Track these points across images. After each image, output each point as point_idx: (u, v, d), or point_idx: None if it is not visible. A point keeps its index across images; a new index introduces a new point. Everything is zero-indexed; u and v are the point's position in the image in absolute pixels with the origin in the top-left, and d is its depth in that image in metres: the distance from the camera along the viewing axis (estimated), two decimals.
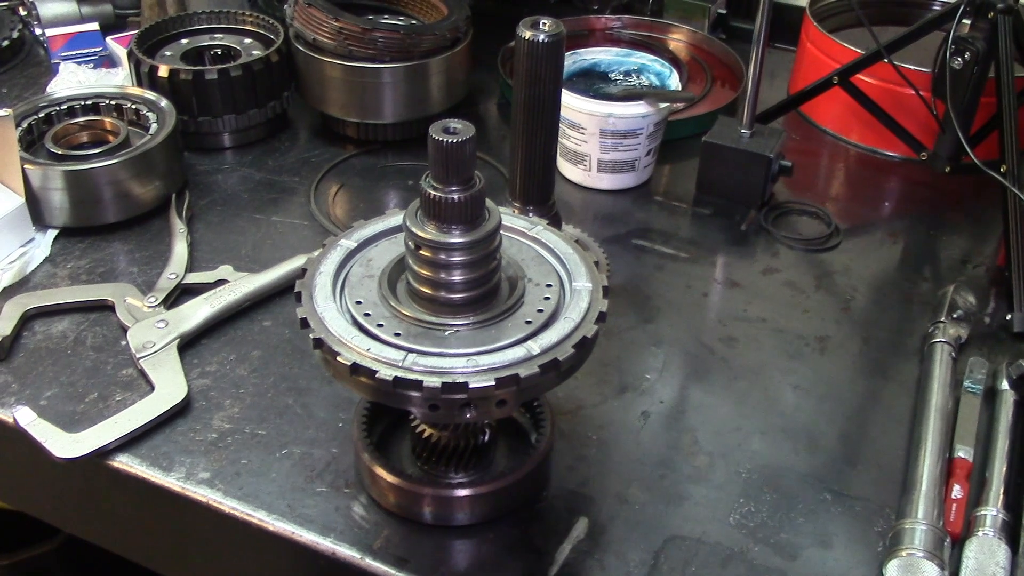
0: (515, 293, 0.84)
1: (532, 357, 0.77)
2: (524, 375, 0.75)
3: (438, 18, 1.45)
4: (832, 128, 1.54)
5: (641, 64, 1.47)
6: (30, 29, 1.70)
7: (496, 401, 0.78)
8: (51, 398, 1.03)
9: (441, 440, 0.90)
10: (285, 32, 1.45)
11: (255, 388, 1.05)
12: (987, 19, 1.26)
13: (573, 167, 1.39)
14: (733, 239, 1.31)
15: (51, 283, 1.18)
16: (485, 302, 0.83)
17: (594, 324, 0.80)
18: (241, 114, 1.41)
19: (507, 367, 0.76)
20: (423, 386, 0.75)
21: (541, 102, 1.00)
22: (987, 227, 1.34)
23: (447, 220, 0.79)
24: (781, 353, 1.12)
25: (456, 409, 0.78)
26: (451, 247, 0.79)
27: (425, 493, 0.89)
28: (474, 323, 0.81)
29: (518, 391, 0.77)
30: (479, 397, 0.76)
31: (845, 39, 1.48)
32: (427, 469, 0.92)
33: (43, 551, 1.66)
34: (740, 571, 0.88)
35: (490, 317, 0.81)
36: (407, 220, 0.80)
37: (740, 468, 0.98)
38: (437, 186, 0.78)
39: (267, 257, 1.22)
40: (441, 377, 0.75)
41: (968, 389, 1.05)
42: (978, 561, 0.87)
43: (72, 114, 1.32)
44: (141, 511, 1.01)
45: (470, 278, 0.81)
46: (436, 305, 0.82)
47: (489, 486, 0.90)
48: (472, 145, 0.77)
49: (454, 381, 0.75)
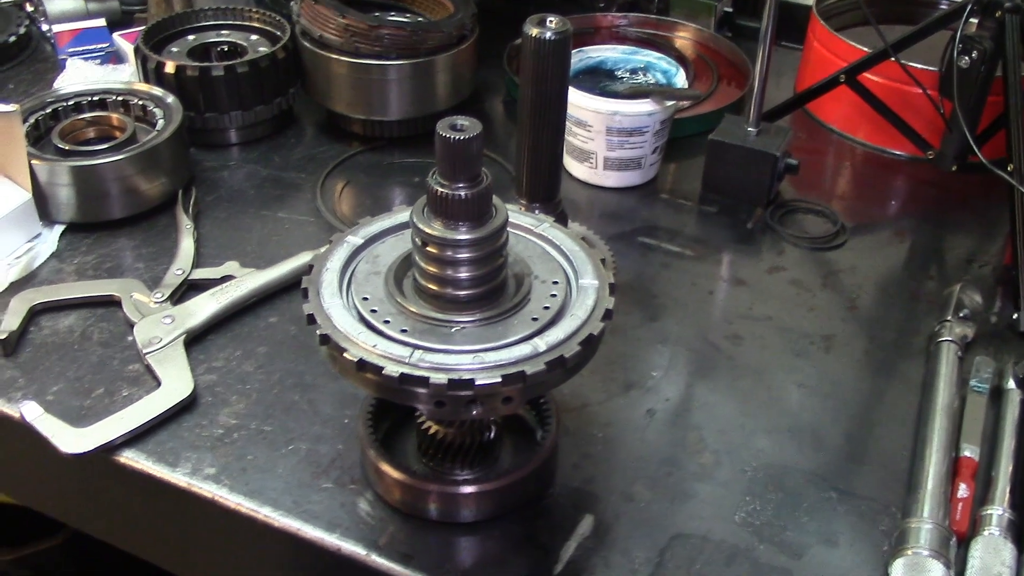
0: (521, 290, 0.84)
1: (538, 354, 0.77)
2: (530, 372, 0.75)
3: (444, 15, 1.45)
4: (838, 127, 1.54)
5: (647, 62, 1.46)
6: (37, 25, 1.70)
7: (502, 398, 0.78)
8: (57, 393, 1.03)
9: (447, 437, 0.90)
10: (292, 29, 1.45)
11: (261, 384, 1.05)
12: (994, 18, 1.25)
13: (579, 164, 1.39)
14: (739, 237, 1.31)
15: (58, 278, 1.18)
16: (491, 299, 0.83)
17: (600, 321, 0.80)
18: (247, 111, 1.41)
19: (513, 364, 0.76)
20: (429, 383, 0.75)
21: (548, 100, 0.99)
22: (994, 226, 1.34)
23: (454, 217, 0.79)
24: (787, 351, 1.12)
25: (462, 406, 0.78)
26: (458, 244, 0.79)
27: (430, 490, 0.90)
28: (480, 320, 0.81)
29: (524, 388, 0.77)
30: (485, 394, 0.76)
31: (852, 37, 1.47)
32: (432, 466, 0.92)
33: (48, 546, 1.66)
34: (745, 569, 0.88)
35: (496, 314, 0.81)
36: (414, 216, 0.80)
37: (745, 466, 0.98)
38: (444, 183, 0.78)
39: (273, 253, 1.22)
40: (447, 374, 0.75)
41: (974, 388, 1.05)
42: (984, 560, 0.87)
43: (79, 110, 1.32)
44: (147, 506, 1.02)
45: (477, 275, 0.81)
46: (442, 302, 0.82)
47: (494, 483, 0.90)
48: (479, 142, 0.77)
49: (460, 378, 0.75)
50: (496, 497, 0.90)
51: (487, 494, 0.90)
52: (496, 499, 0.90)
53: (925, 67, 1.36)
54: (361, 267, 0.86)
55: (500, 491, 0.90)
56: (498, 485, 0.90)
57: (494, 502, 0.91)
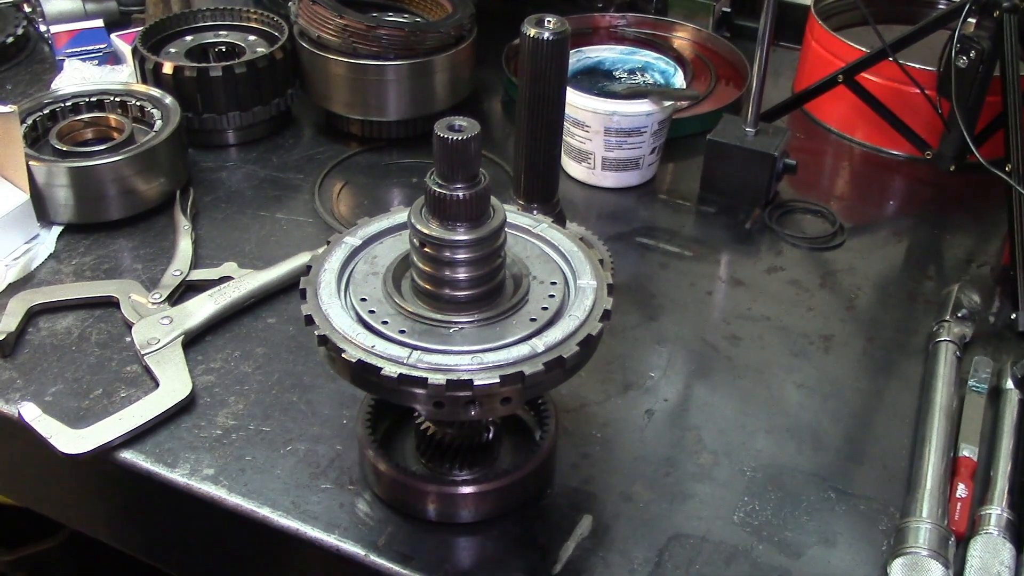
0: (520, 291, 0.84)
1: (537, 355, 0.77)
2: (528, 373, 0.75)
3: (442, 16, 1.45)
4: (837, 127, 1.54)
5: (645, 62, 1.46)
6: (35, 26, 1.70)
7: (501, 399, 0.77)
8: (56, 394, 1.03)
9: (445, 437, 0.90)
10: (289, 29, 1.45)
11: (259, 385, 1.05)
12: (992, 18, 1.25)
13: (577, 165, 1.38)
14: (737, 237, 1.31)
15: (56, 279, 1.18)
16: (490, 300, 0.83)
17: (598, 322, 0.80)
18: (245, 111, 1.41)
19: (512, 364, 0.76)
20: (428, 383, 0.75)
21: (546, 100, 0.99)
22: (992, 226, 1.34)
23: (452, 217, 0.79)
24: (785, 351, 1.12)
25: (461, 406, 0.77)
26: (455, 244, 0.79)
27: (429, 490, 0.90)
28: (479, 320, 0.81)
29: (523, 388, 0.77)
30: (484, 394, 0.76)
31: (850, 37, 1.48)
32: (431, 466, 0.92)
33: (47, 547, 1.66)
34: (744, 569, 0.88)
35: (495, 315, 0.81)
36: (411, 217, 0.80)
37: (744, 466, 0.98)
38: (442, 183, 0.78)
39: (271, 254, 1.22)
40: (446, 374, 0.75)
41: (973, 388, 1.05)
42: (983, 560, 0.87)
43: (77, 111, 1.32)
44: (145, 507, 1.02)
45: (474, 275, 0.81)
46: (440, 302, 0.82)
47: (493, 483, 0.90)
48: (477, 142, 0.77)
49: (459, 378, 0.75)
50: (494, 498, 0.90)
51: (486, 494, 0.90)
52: (494, 499, 0.90)
53: (923, 67, 1.36)
54: (359, 268, 0.86)
55: (499, 491, 0.90)
56: (497, 485, 0.90)
57: (492, 503, 0.90)
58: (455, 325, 0.81)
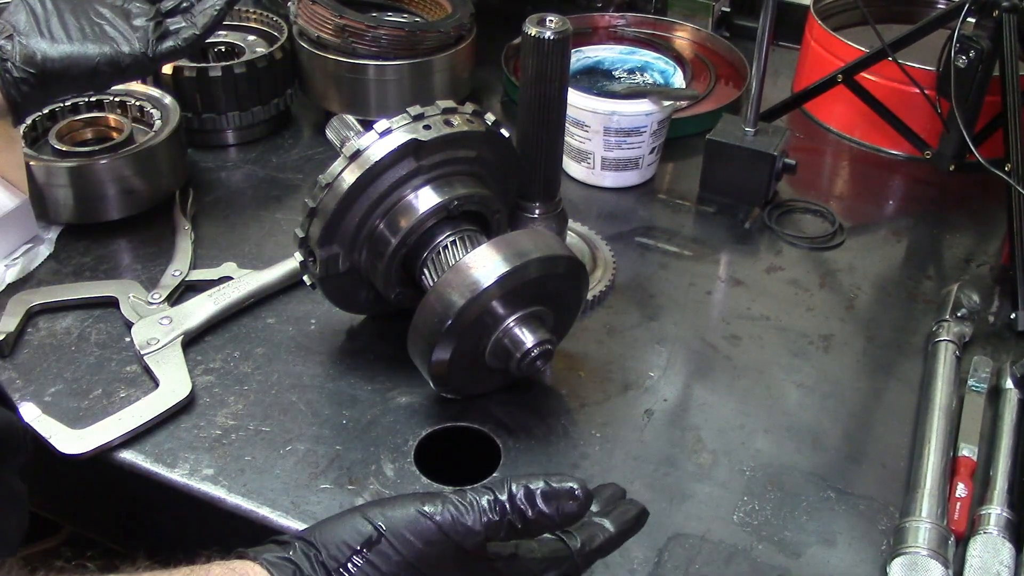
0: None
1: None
2: None
3: (442, 15, 1.45)
4: (836, 126, 1.54)
5: (645, 62, 1.46)
6: None
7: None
8: (55, 394, 1.03)
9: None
10: (289, 29, 1.45)
11: (259, 385, 1.05)
12: (992, 17, 1.25)
13: (577, 165, 1.38)
14: (737, 237, 1.31)
15: (55, 280, 1.18)
16: None
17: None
18: (245, 111, 1.41)
19: None
20: None
21: (548, 99, 1.00)
22: (991, 226, 1.34)
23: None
24: (785, 351, 1.12)
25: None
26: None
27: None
28: None
29: None
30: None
31: (849, 37, 1.48)
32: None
33: (46, 548, 1.66)
34: (743, 569, 0.88)
35: None
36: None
37: (744, 466, 0.98)
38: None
39: (271, 254, 1.22)
40: None
41: (972, 388, 1.05)
42: (982, 560, 0.87)
43: (76, 111, 1.32)
44: (145, 507, 1.01)
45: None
46: None
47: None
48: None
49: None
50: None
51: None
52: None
53: (923, 67, 1.36)
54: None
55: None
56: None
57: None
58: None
